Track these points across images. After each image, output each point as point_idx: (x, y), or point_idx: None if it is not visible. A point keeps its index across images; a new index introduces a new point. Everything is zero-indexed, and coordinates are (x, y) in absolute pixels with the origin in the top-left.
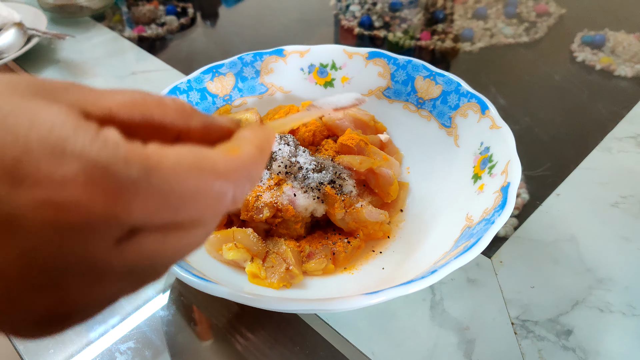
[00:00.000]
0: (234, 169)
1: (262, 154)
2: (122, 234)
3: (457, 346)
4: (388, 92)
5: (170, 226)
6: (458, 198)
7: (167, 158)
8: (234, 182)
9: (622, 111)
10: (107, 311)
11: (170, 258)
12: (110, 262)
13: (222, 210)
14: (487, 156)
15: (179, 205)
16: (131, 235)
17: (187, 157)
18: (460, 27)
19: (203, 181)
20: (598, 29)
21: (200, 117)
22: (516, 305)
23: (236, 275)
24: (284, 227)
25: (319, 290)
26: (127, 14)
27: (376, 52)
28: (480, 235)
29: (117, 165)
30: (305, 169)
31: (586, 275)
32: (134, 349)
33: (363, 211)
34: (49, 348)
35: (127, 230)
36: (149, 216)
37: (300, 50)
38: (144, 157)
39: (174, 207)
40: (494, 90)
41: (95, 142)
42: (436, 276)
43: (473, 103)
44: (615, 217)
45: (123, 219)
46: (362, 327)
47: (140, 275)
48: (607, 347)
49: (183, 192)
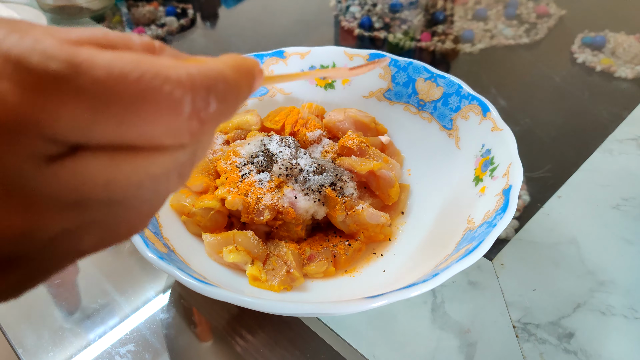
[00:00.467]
0: (189, 75)
1: (236, 74)
2: (56, 150)
3: (458, 349)
4: (389, 94)
5: (120, 147)
6: (459, 200)
7: (101, 56)
8: (190, 88)
9: (623, 113)
10: (106, 312)
11: (128, 191)
12: (39, 183)
13: (181, 129)
14: (488, 158)
15: (120, 115)
16: (70, 154)
17: (127, 57)
18: (460, 28)
19: (147, 83)
20: (598, 31)
21: (171, 52)
22: (518, 308)
23: (237, 278)
24: (284, 229)
25: (320, 293)
26: (127, 15)
27: (377, 53)
28: (482, 238)
29: (34, 57)
30: (306, 171)
31: (587, 278)
32: (133, 352)
33: (364, 213)
34: (48, 350)
35: (63, 147)
36: (84, 128)
37: (300, 52)
38: (71, 52)
39: (115, 117)
40: (494, 92)
41: (22, 40)
42: (438, 279)
43: (474, 105)
44: (616, 219)
45: (47, 126)
46: (363, 330)
47: (92, 213)
48: (609, 350)
49: (123, 97)
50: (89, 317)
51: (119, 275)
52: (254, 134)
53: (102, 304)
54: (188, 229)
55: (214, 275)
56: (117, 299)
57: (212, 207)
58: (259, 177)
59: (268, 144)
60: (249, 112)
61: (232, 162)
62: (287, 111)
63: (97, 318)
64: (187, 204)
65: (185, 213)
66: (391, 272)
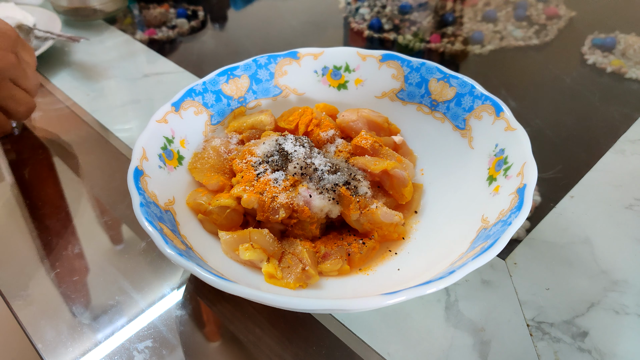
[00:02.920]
0: None
1: None
2: None
3: (472, 347)
4: (402, 95)
5: None
6: (473, 199)
7: None
8: None
9: (634, 114)
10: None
11: None
12: None
13: None
14: (502, 158)
15: None
16: None
17: None
18: (469, 29)
19: None
20: (608, 32)
21: None
22: (531, 307)
23: (253, 276)
24: (299, 227)
25: (334, 291)
26: (139, 16)
27: (390, 54)
28: (497, 236)
29: None
30: (320, 170)
31: (601, 278)
32: (151, 348)
33: (378, 212)
34: (67, 346)
35: None
36: None
37: (314, 52)
38: None
39: None
40: (504, 93)
41: None
42: (454, 277)
43: (487, 105)
44: (629, 219)
45: None
46: (377, 328)
47: None
48: (623, 349)
49: None
50: (106, 313)
51: (135, 273)
52: (268, 134)
53: (119, 300)
54: (204, 227)
55: (230, 273)
56: (134, 296)
57: (228, 205)
58: (274, 176)
59: (283, 143)
60: (263, 112)
61: (248, 162)
62: (301, 111)
63: (115, 314)
64: (203, 203)
65: (201, 211)
66: (406, 271)
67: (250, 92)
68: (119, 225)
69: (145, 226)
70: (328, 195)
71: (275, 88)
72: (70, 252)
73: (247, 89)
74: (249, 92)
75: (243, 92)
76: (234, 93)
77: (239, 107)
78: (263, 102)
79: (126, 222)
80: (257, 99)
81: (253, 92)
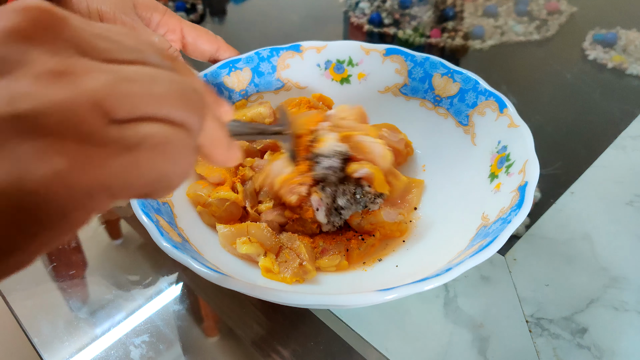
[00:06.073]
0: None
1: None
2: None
3: (471, 343)
4: (405, 89)
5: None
6: (474, 197)
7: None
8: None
9: (635, 110)
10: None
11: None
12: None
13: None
14: (504, 155)
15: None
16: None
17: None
18: (470, 24)
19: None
20: (609, 27)
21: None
22: (530, 303)
23: (250, 270)
24: (300, 224)
25: (332, 286)
26: None
27: (394, 48)
28: (496, 234)
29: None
30: (337, 204)
31: (601, 274)
32: (148, 343)
33: (381, 213)
34: (63, 340)
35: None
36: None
37: (317, 46)
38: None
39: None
40: (505, 89)
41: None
42: (451, 274)
43: (491, 101)
44: (630, 215)
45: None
46: (375, 323)
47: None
48: (623, 345)
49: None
50: (103, 308)
51: (132, 268)
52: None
53: (116, 294)
54: (203, 219)
55: (227, 266)
56: (131, 291)
57: (227, 198)
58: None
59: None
60: (262, 105)
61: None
62: (298, 101)
63: (111, 309)
64: (203, 195)
65: (201, 203)
66: (404, 267)
67: (252, 85)
68: (116, 219)
69: (140, 217)
70: (333, 219)
71: (278, 81)
72: (67, 246)
73: (249, 81)
74: (250, 84)
75: (245, 84)
76: (236, 86)
77: (240, 99)
78: (265, 96)
79: (124, 217)
80: (259, 91)
81: (255, 85)
